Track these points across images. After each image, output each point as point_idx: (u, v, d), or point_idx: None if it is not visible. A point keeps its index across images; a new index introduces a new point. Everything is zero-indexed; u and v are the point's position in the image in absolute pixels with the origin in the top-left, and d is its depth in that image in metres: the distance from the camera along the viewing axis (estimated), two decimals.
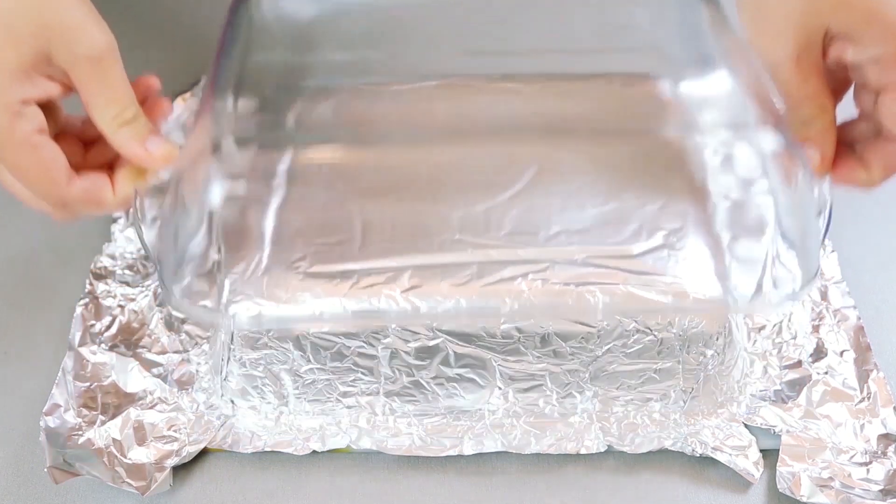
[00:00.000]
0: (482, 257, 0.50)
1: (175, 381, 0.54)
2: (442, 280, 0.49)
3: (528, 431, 0.52)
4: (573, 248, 0.50)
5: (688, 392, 0.51)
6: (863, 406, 0.53)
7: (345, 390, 0.51)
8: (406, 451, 0.51)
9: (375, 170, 0.55)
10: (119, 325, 0.57)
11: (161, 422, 0.52)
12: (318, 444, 0.51)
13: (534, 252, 0.50)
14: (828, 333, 0.56)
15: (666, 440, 0.52)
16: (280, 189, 0.54)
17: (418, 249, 0.50)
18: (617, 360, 0.50)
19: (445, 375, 0.50)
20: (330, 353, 0.50)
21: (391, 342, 0.49)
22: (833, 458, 0.51)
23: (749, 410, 0.52)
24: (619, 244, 0.51)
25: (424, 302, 0.48)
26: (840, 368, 0.54)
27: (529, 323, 0.49)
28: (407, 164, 0.55)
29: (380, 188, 0.54)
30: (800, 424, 0.52)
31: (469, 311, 0.48)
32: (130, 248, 0.61)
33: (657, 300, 0.49)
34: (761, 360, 0.54)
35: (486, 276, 0.49)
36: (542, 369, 0.50)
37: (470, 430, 0.52)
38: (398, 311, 0.48)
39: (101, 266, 0.59)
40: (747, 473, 0.50)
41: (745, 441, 0.51)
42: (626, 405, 0.52)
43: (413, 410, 0.52)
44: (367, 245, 0.51)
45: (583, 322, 0.49)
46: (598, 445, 0.51)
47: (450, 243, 0.51)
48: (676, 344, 0.50)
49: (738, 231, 0.60)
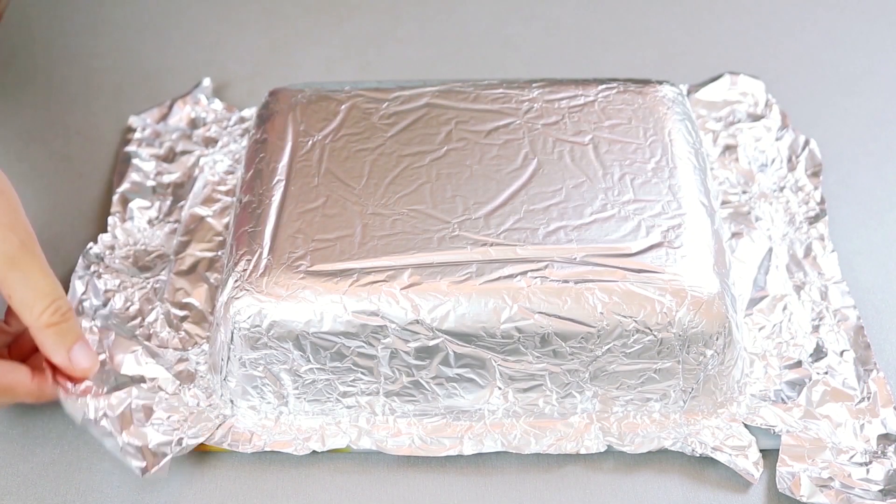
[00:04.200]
0: (481, 255, 0.50)
1: (174, 375, 0.54)
2: (441, 278, 0.49)
3: (527, 431, 0.52)
4: (572, 247, 0.50)
5: (688, 392, 0.51)
6: (863, 406, 0.53)
7: (345, 390, 0.51)
8: (406, 451, 0.51)
9: (375, 168, 0.55)
10: (112, 309, 0.56)
11: (160, 410, 0.52)
12: (318, 445, 0.51)
13: (533, 250, 0.50)
14: (828, 333, 0.56)
15: (666, 440, 0.51)
16: (280, 187, 0.54)
17: (418, 248, 0.50)
18: (617, 360, 0.50)
19: (445, 375, 0.50)
20: (330, 353, 0.50)
21: (391, 342, 0.49)
22: (833, 459, 0.50)
23: (749, 410, 0.52)
24: (618, 242, 0.51)
25: (424, 300, 0.48)
26: (840, 368, 0.54)
27: (529, 322, 0.49)
28: (407, 162, 0.55)
29: (380, 186, 0.54)
30: (800, 424, 0.52)
31: (469, 309, 0.49)
32: (129, 240, 0.60)
33: (656, 298, 0.49)
34: (761, 360, 0.54)
35: (485, 275, 0.49)
36: (542, 369, 0.50)
37: (470, 430, 0.52)
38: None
39: (94, 253, 0.59)
40: (747, 473, 0.50)
41: (745, 441, 0.51)
42: (625, 405, 0.52)
43: (413, 410, 0.52)
44: (367, 243, 0.51)
45: (582, 321, 0.49)
46: (597, 445, 0.51)
47: (449, 242, 0.51)
48: (676, 344, 0.50)
49: (736, 229, 0.60)
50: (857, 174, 0.66)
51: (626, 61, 0.74)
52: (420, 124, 0.57)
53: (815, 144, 0.65)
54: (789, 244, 0.60)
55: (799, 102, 0.69)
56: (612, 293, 0.49)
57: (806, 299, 0.57)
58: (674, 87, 0.60)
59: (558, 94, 0.59)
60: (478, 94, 0.58)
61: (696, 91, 0.68)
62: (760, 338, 0.55)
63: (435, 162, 0.55)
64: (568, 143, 0.56)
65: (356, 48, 0.75)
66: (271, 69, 0.74)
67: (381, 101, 0.58)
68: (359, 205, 0.53)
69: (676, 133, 0.57)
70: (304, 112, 0.58)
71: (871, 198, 0.64)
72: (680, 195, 0.53)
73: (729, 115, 0.67)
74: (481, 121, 0.57)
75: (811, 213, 0.61)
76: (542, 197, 0.53)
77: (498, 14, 0.78)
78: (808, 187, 0.63)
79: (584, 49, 0.75)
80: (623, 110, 0.58)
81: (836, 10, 0.78)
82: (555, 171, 0.54)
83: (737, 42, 0.75)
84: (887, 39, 0.75)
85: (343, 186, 0.54)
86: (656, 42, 0.75)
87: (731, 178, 0.63)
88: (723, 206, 0.61)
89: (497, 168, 0.54)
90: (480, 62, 0.74)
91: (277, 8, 0.78)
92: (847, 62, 0.73)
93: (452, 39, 0.76)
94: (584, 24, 0.77)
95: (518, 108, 0.58)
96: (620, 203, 0.53)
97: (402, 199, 0.53)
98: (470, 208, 0.52)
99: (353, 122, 0.57)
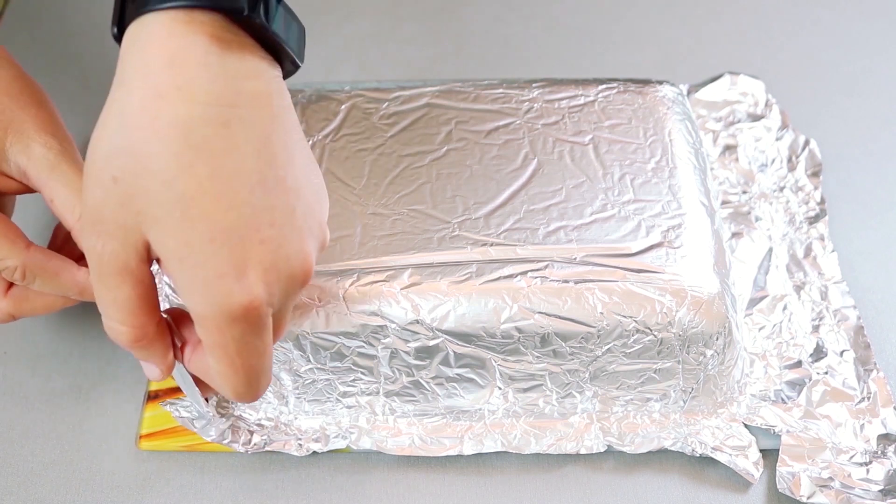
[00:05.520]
0: (481, 255, 0.50)
1: None
2: (441, 278, 0.49)
3: (527, 431, 0.52)
4: (572, 247, 0.50)
5: (688, 392, 0.51)
6: (863, 406, 0.53)
7: (345, 390, 0.51)
8: (406, 451, 0.51)
9: (375, 168, 0.55)
10: None
11: None
12: (318, 445, 0.51)
13: (533, 250, 0.50)
14: (828, 333, 0.56)
15: (666, 440, 0.52)
16: None
17: (418, 248, 0.50)
18: (617, 360, 0.50)
19: (445, 375, 0.50)
20: (330, 353, 0.50)
21: (391, 342, 0.49)
22: (833, 459, 0.51)
23: (749, 410, 0.52)
24: (618, 242, 0.51)
25: (424, 300, 0.49)
26: (840, 368, 0.54)
27: (529, 322, 0.49)
28: (407, 162, 0.55)
29: (380, 186, 0.54)
30: (800, 424, 0.52)
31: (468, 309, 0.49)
32: None
33: (656, 298, 0.49)
34: (761, 360, 0.54)
35: (485, 275, 0.49)
36: (542, 369, 0.50)
37: (470, 429, 0.52)
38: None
39: None
40: (747, 473, 0.50)
41: (745, 441, 0.51)
42: (625, 405, 0.52)
43: (413, 410, 0.52)
44: (367, 243, 0.51)
45: (582, 321, 0.49)
46: (597, 445, 0.51)
47: (449, 242, 0.51)
48: (676, 344, 0.50)
49: (736, 229, 0.60)
50: (857, 174, 0.66)
51: (626, 61, 0.74)
52: (420, 124, 0.57)
53: (815, 144, 0.65)
54: (789, 244, 0.60)
55: (799, 102, 0.69)
56: (612, 293, 0.49)
57: (806, 299, 0.57)
58: (674, 87, 0.60)
59: (558, 94, 0.58)
60: (478, 94, 0.58)
61: (696, 91, 0.68)
62: (760, 338, 0.55)
63: (435, 162, 0.55)
64: (568, 143, 0.56)
65: (356, 48, 0.75)
66: None
67: (381, 101, 0.58)
68: (359, 205, 0.53)
69: (676, 133, 0.57)
70: (304, 112, 0.58)
71: (871, 198, 0.64)
72: (680, 195, 0.53)
73: (729, 115, 0.67)
74: (481, 121, 0.57)
75: (811, 213, 0.61)
76: (542, 197, 0.53)
77: (498, 14, 0.78)
78: (808, 187, 0.63)
79: (584, 49, 0.75)
80: (623, 110, 0.58)
81: (836, 10, 0.78)
82: (555, 171, 0.54)
83: (737, 42, 0.75)
84: (887, 39, 0.75)
85: (343, 186, 0.54)
86: (656, 42, 0.75)
87: (731, 178, 0.63)
88: (723, 206, 0.61)
89: (497, 168, 0.54)
90: (480, 62, 0.74)
91: None
92: (847, 62, 0.73)
93: (452, 39, 0.76)
94: (584, 24, 0.77)
95: (518, 108, 0.58)
96: (620, 203, 0.53)
97: (402, 199, 0.53)
98: (470, 208, 0.52)
99: (353, 122, 0.57)
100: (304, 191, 0.41)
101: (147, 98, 0.38)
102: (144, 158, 0.38)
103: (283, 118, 0.41)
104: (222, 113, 0.38)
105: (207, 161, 0.38)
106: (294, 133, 0.42)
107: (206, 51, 0.39)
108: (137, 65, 0.39)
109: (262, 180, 0.39)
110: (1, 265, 0.46)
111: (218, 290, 0.39)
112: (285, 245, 0.40)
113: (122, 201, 0.38)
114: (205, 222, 0.38)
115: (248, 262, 0.39)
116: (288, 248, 0.40)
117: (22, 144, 0.46)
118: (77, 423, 0.54)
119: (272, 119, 0.40)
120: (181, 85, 0.38)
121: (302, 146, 0.42)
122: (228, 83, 0.39)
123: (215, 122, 0.38)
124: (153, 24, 0.39)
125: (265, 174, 0.39)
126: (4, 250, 0.46)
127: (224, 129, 0.38)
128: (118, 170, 0.38)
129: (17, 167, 0.46)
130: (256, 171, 0.39)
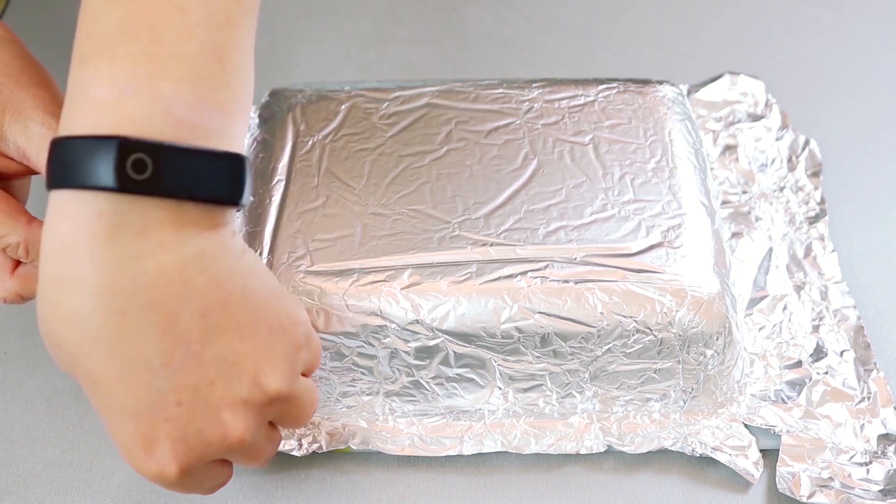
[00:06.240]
0: (481, 255, 0.50)
1: None
2: (441, 278, 0.49)
3: (527, 431, 0.52)
4: (572, 247, 0.50)
5: (688, 392, 0.51)
6: (863, 406, 0.53)
7: (345, 390, 0.51)
8: (406, 451, 0.51)
9: (375, 168, 0.55)
10: None
11: None
12: (318, 445, 0.51)
13: (533, 250, 0.50)
14: (828, 333, 0.56)
15: (666, 440, 0.51)
16: (280, 187, 0.54)
17: (418, 248, 0.50)
18: (617, 360, 0.50)
19: (445, 375, 0.50)
20: (330, 353, 0.50)
21: (391, 342, 0.49)
22: (833, 459, 0.50)
23: (749, 410, 0.52)
24: (618, 242, 0.51)
25: (424, 300, 0.49)
26: (840, 368, 0.54)
27: (529, 322, 0.49)
28: (407, 162, 0.55)
29: (380, 186, 0.54)
30: (800, 424, 0.52)
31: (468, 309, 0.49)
32: None
33: (656, 298, 0.49)
34: (761, 360, 0.54)
35: (485, 275, 0.49)
36: (542, 369, 0.50)
37: (470, 430, 0.52)
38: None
39: None
40: (747, 473, 0.50)
41: (745, 441, 0.51)
42: (626, 405, 0.52)
43: (413, 410, 0.52)
44: (367, 243, 0.51)
45: (582, 321, 0.49)
46: (597, 445, 0.51)
47: (449, 242, 0.51)
48: (676, 344, 0.49)
49: (736, 229, 0.60)
50: (857, 174, 0.66)
51: (626, 61, 0.74)
52: (420, 124, 0.57)
53: (815, 144, 0.65)
54: (789, 244, 0.60)
55: (799, 102, 0.69)
56: (612, 293, 0.49)
57: (806, 299, 0.57)
58: (674, 87, 0.60)
59: (558, 94, 0.58)
60: (478, 94, 0.58)
61: (696, 91, 0.68)
62: (760, 338, 0.55)
63: (435, 162, 0.55)
64: (568, 143, 0.56)
65: (356, 48, 0.75)
66: (271, 69, 0.74)
67: (381, 101, 0.58)
68: (359, 205, 0.53)
69: (676, 133, 0.57)
70: (304, 112, 0.58)
71: (871, 198, 0.64)
72: (680, 195, 0.53)
73: (729, 115, 0.67)
74: (481, 121, 0.57)
75: (811, 213, 0.61)
76: (542, 197, 0.53)
77: (498, 14, 0.78)
78: (808, 187, 0.63)
79: (584, 49, 0.75)
80: (623, 110, 0.58)
81: (836, 10, 0.78)
82: (555, 171, 0.54)
83: (737, 42, 0.75)
84: (887, 39, 0.75)
85: (343, 186, 0.54)
86: (656, 42, 0.75)
87: (731, 178, 0.63)
88: (723, 206, 0.61)
89: (497, 168, 0.54)
90: (480, 62, 0.74)
91: (277, 8, 0.78)
92: (847, 62, 0.73)
93: (452, 39, 0.76)
94: (584, 24, 0.77)
95: (518, 108, 0.58)
96: (620, 203, 0.53)
97: (402, 199, 0.53)
98: (470, 208, 0.52)
99: (354, 122, 0.57)
100: (243, 345, 0.40)
101: (46, 287, 0.39)
102: (54, 337, 0.39)
103: (208, 283, 0.39)
104: (113, 302, 0.38)
105: (103, 349, 0.38)
106: (233, 283, 0.40)
107: (91, 236, 0.37)
108: (43, 247, 0.39)
109: (168, 362, 0.39)
110: (3, 241, 0.46)
111: (131, 458, 0.40)
112: (196, 420, 0.40)
113: (56, 357, 0.40)
114: (109, 399, 0.39)
115: (157, 435, 0.39)
116: (199, 422, 0.40)
117: (21, 124, 0.45)
118: (77, 423, 0.54)
119: (185, 291, 0.39)
120: (72, 276, 0.38)
121: (252, 289, 0.41)
122: (122, 268, 0.38)
123: (108, 312, 0.38)
124: (55, 201, 0.38)
125: (172, 354, 0.39)
126: (6, 226, 0.45)
127: (118, 318, 0.38)
128: (44, 335, 0.40)
129: (16, 147, 0.45)
130: (160, 352, 0.39)
